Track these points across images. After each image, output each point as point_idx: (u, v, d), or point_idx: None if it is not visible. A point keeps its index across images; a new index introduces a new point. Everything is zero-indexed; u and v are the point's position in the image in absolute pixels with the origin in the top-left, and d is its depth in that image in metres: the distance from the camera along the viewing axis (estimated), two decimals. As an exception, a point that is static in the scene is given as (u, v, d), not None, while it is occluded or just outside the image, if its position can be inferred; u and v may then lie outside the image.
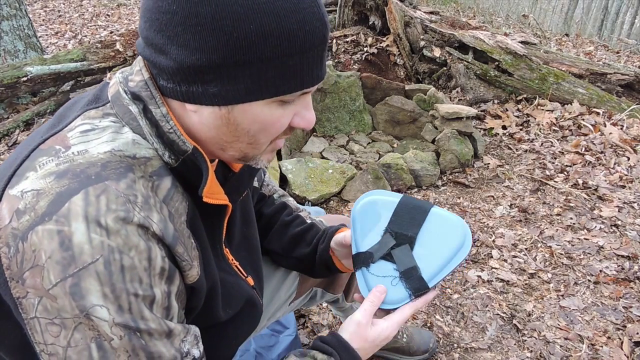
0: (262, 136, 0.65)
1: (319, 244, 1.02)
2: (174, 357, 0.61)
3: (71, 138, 0.61)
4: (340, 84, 3.15)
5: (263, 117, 0.62)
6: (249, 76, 0.57)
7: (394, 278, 0.86)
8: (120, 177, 0.58)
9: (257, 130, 0.63)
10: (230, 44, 0.55)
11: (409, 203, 0.91)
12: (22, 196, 0.55)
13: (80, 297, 0.53)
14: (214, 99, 0.59)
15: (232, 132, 0.63)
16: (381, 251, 0.88)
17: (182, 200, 0.66)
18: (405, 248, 0.87)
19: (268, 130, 0.64)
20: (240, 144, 0.65)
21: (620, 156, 2.88)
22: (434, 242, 0.87)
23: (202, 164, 0.65)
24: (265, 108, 0.61)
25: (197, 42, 0.55)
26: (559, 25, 9.88)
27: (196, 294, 0.68)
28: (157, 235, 0.59)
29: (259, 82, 0.58)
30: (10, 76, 3.11)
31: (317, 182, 2.52)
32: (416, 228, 0.88)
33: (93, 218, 0.54)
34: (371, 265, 0.88)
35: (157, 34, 0.58)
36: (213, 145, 0.66)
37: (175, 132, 0.63)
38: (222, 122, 0.62)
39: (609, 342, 1.64)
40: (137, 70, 0.64)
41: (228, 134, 0.64)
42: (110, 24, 5.77)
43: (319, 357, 0.78)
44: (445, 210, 0.91)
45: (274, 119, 0.63)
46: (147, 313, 0.57)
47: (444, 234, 0.88)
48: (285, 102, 0.62)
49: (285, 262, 1.09)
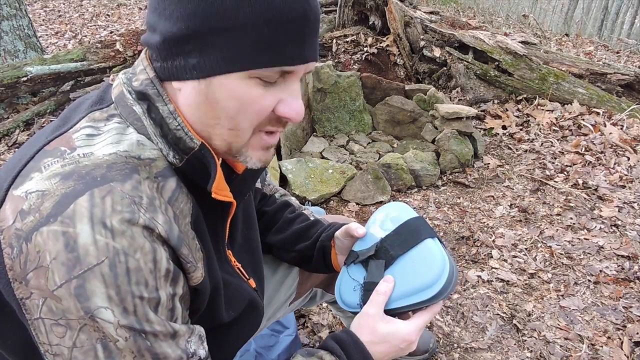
0: (241, 118, 0.62)
1: (322, 233, 1.02)
2: (179, 358, 0.61)
3: (76, 140, 0.61)
4: (340, 84, 3.15)
5: (240, 93, 0.60)
6: (225, 44, 0.57)
7: (357, 284, 0.89)
8: (125, 179, 0.58)
9: (236, 109, 0.61)
10: (207, 10, 0.56)
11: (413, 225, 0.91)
12: (27, 197, 0.55)
13: (85, 298, 0.53)
14: (194, 72, 0.60)
15: (212, 111, 0.62)
16: (362, 256, 0.90)
17: (186, 202, 0.66)
18: (380, 263, 0.88)
19: (247, 111, 0.61)
20: (222, 129, 0.63)
21: (620, 156, 2.88)
22: (409, 270, 0.85)
23: (209, 159, 0.65)
24: (243, 83, 0.60)
25: (178, 12, 0.57)
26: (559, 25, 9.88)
27: (200, 295, 0.68)
28: (162, 236, 0.58)
29: (234, 51, 0.58)
30: (10, 76, 3.11)
31: (317, 182, 2.52)
32: (402, 250, 0.87)
33: (98, 219, 0.54)
34: (352, 265, 0.92)
35: (152, 14, 0.61)
36: (200, 134, 0.65)
37: (183, 128, 0.63)
38: (202, 99, 0.61)
39: (609, 342, 1.64)
40: (141, 70, 0.65)
41: (209, 113, 0.62)
42: (110, 24, 5.77)
43: (326, 359, 0.77)
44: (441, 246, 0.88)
45: (252, 97, 0.61)
46: (152, 315, 0.57)
47: (422, 267, 0.85)
48: (267, 83, 0.61)
49: (286, 256, 1.08)
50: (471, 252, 2.14)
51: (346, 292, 0.91)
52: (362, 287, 0.88)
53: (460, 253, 2.14)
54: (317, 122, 3.18)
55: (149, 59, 0.66)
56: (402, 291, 0.83)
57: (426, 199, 2.58)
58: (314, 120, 3.17)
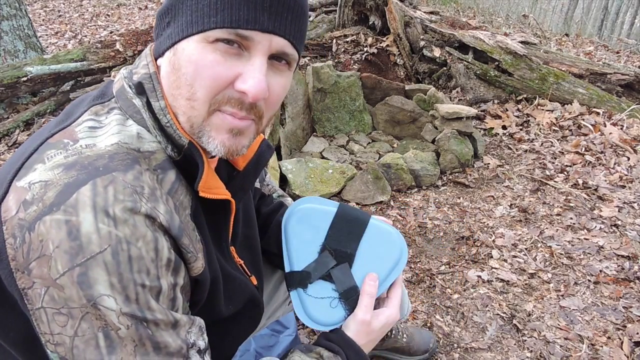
0: (197, 85, 0.61)
1: None
2: (179, 347, 0.61)
3: (79, 132, 0.62)
4: (340, 84, 3.15)
5: (197, 57, 0.60)
6: (188, 8, 0.61)
7: (333, 299, 0.82)
8: (127, 169, 0.59)
9: (192, 74, 0.61)
10: None
11: (346, 214, 0.86)
12: (30, 187, 0.56)
13: (87, 286, 0.53)
14: (167, 41, 0.63)
15: (176, 80, 0.63)
16: (320, 271, 0.83)
17: (186, 194, 0.67)
18: (344, 267, 0.83)
19: (201, 75, 0.60)
20: (182, 100, 0.63)
21: (620, 156, 2.88)
22: (373, 258, 0.83)
23: (197, 157, 0.65)
24: (200, 47, 0.60)
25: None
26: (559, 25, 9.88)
27: (200, 286, 0.69)
28: (164, 226, 0.59)
29: (194, 15, 0.60)
30: (10, 76, 3.11)
31: (317, 182, 2.52)
32: (354, 243, 0.83)
33: (101, 208, 0.54)
34: (309, 286, 0.83)
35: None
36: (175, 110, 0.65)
37: (172, 126, 0.64)
38: (171, 68, 0.64)
39: (609, 342, 1.64)
40: (144, 64, 0.67)
41: (173, 83, 0.63)
42: (110, 24, 5.77)
43: (325, 355, 0.78)
44: (381, 220, 0.86)
45: (207, 61, 0.60)
46: (153, 304, 0.58)
47: (382, 249, 0.83)
48: (227, 53, 0.60)
49: (279, 261, 1.09)
50: (471, 252, 2.14)
51: (321, 312, 0.83)
52: (340, 299, 0.82)
53: (460, 253, 2.14)
54: (317, 122, 3.18)
55: (152, 54, 0.68)
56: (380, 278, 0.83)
57: (426, 199, 2.58)
58: (314, 120, 3.17)
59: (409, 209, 2.48)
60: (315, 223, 0.86)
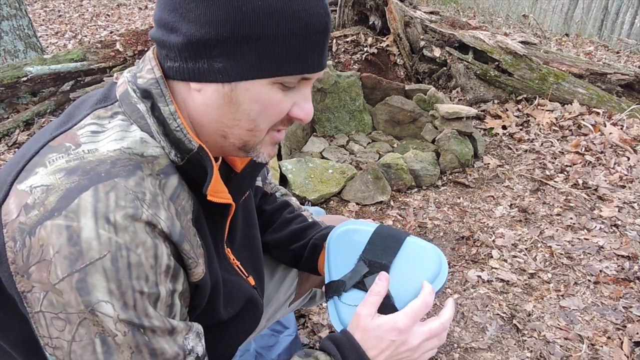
0: (261, 120, 0.65)
1: (317, 233, 1.02)
2: (176, 354, 0.61)
3: (81, 136, 0.62)
4: (340, 84, 3.15)
5: (264, 98, 0.63)
6: (254, 52, 0.60)
7: None
8: (129, 175, 0.59)
9: (257, 112, 0.64)
10: (238, 18, 0.58)
11: (384, 232, 0.89)
12: (31, 191, 0.56)
13: (86, 292, 0.54)
14: (219, 75, 0.61)
15: (234, 113, 0.64)
16: (353, 279, 0.85)
17: (187, 199, 0.67)
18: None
19: (268, 114, 0.65)
20: (240, 130, 0.66)
21: (620, 156, 2.88)
22: (409, 270, 0.84)
23: (207, 162, 0.66)
24: (267, 88, 0.63)
25: (207, 16, 0.58)
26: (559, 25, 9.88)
27: (200, 292, 0.69)
28: (165, 232, 0.59)
29: (263, 59, 0.60)
30: (10, 76, 3.11)
31: (317, 182, 2.52)
32: (390, 256, 0.85)
33: (102, 214, 0.54)
34: (343, 294, 0.85)
35: (170, 13, 0.61)
36: (215, 132, 0.67)
37: (182, 130, 0.64)
38: (225, 101, 0.63)
39: (609, 342, 1.64)
40: (149, 69, 0.66)
41: (229, 115, 0.64)
42: (110, 24, 5.77)
43: (321, 358, 0.77)
44: (421, 239, 0.88)
45: (274, 102, 0.64)
46: (151, 310, 0.58)
47: (419, 263, 0.84)
48: (287, 88, 0.64)
49: (281, 256, 1.09)
50: (471, 252, 2.14)
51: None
52: None
53: (460, 253, 2.14)
54: (317, 122, 3.18)
55: (157, 57, 0.66)
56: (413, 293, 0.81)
57: (426, 199, 2.58)
58: (314, 120, 3.17)
59: (409, 209, 2.48)
60: (355, 238, 0.91)
